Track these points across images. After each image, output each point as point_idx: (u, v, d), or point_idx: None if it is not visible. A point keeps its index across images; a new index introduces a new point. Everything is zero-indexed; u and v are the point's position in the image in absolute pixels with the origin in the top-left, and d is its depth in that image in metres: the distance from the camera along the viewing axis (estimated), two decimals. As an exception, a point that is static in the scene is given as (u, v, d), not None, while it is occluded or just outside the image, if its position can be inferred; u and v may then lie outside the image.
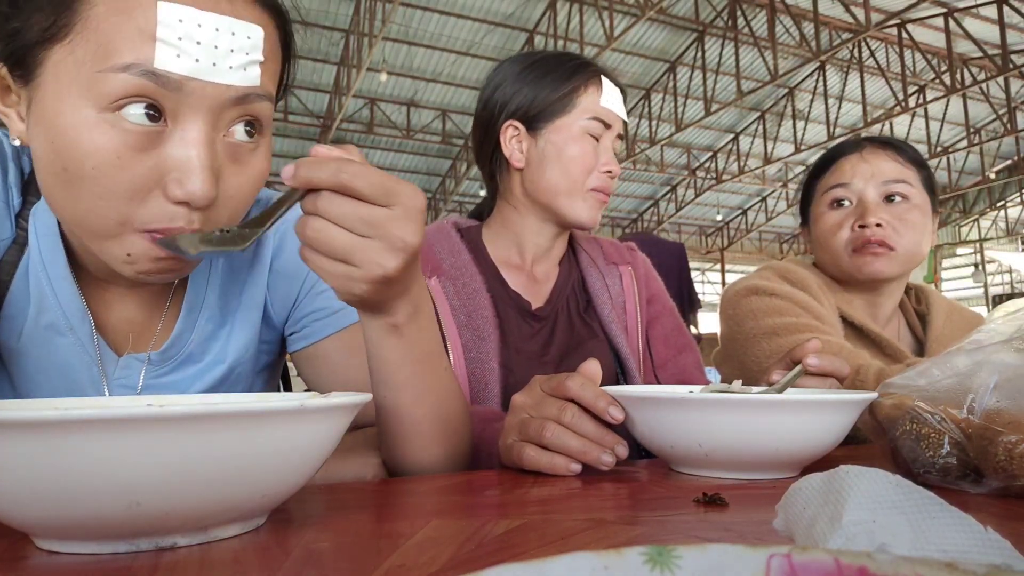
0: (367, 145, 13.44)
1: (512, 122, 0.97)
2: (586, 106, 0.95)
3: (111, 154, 0.49)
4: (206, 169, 0.50)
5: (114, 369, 0.64)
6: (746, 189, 17.39)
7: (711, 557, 0.19)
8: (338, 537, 0.40)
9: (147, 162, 0.50)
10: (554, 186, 0.94)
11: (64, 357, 0.63)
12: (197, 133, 0.50)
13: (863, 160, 1.11)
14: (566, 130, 0.94)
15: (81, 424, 0.31)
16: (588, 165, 0.94)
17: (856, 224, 1.08)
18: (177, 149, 0.50)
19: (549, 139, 0.95)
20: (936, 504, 0.24)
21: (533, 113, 0.96)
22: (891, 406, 0.57)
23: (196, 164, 0.50)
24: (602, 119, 0.95)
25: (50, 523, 0.35)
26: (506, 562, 0.19)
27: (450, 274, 0.94)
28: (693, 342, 1.09)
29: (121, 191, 0.50)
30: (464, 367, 0.89)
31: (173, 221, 0.51)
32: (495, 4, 10.14)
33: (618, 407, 0.60)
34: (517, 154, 0.97)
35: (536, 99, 0.95)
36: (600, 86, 0.96)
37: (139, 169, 0.50)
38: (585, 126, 0.94)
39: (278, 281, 0.70)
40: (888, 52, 11.66)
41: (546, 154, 0.95)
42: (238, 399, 0.57)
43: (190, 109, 0.50)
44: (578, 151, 0.94)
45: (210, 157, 0.51)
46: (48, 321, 0.61)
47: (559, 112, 0.95)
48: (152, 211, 0.51)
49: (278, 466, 0.38)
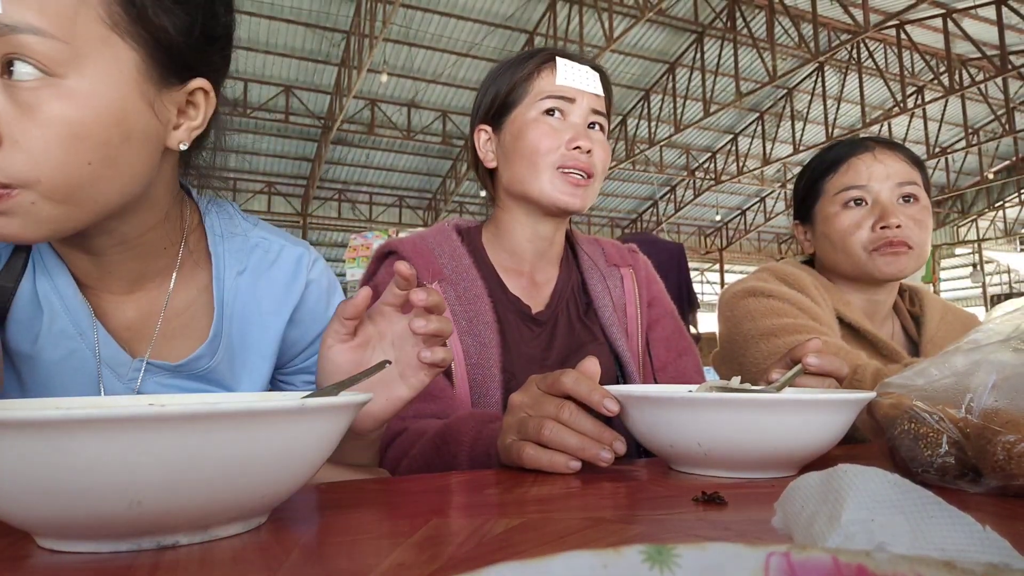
0: (367, 146, 13.46)
1: (481, 126, 0.99)
2: (539, 89, 0.94)
3: None
4: None
5: (125, 371, 0.66)
6: (745, 190, 17.41)
7: (710, 556, 0.19)
8: (338, 537, 0.40)
9: None
10: (520, 176, 0.94)
11: (75, 363, 0.64)
12: None
13: (877, 161, 1.11)
14: (521, 118, 0.94)
15: (82, 424, 0.31)
16: (546, 145, 0.92)
17: (878, 225, 1.08)
18: None
19: (509, 131, 0.95)
20: (935, 503, 0.24)
21: (495, 111, 0.97)
22: (889, 405, 0.57)
23: None
24: (560, 95, 0.93)
25: (51, 522, 0.35)
26: (505, 561, 0.19)
27: (451, 279, 0.93)
28: (693, 345, 1.09)
29: None
30: (465, 373, 0.89)
31: None
32: (495, 5, 10.16)
33: (613, 400, 0.60)
34: (489, 155, 0.99)
35: (496, 96, 0.97)
36: (554, 66, 0.94)
37: None
38: (540, 107, 0.93)
39: (293, 329, 0.73)
40: (887, 53, 11.68)
41: (507, 147, 0.96)
42: (238, 399, 0.57)
43: None
44: (534, 134, 0.92)
45: None
46: (60, 328, 0.63)
47: (515, 103, 0.95)
48: None
49: (278, 466, 0.38)
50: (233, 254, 0.69)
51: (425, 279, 0.91)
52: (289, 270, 0.72)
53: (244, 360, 0.71)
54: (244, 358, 0.71)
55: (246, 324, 0.70)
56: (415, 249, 0.95)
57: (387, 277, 0.93)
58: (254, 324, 0.70)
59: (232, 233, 0.71)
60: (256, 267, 0.71)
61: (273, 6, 9.44)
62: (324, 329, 0.72)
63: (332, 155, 13.46)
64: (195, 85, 0.59)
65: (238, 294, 0.69)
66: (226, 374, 0.70)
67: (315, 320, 0.74)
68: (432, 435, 0.75)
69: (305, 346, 0.75)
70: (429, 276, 0.92)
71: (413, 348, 0.60)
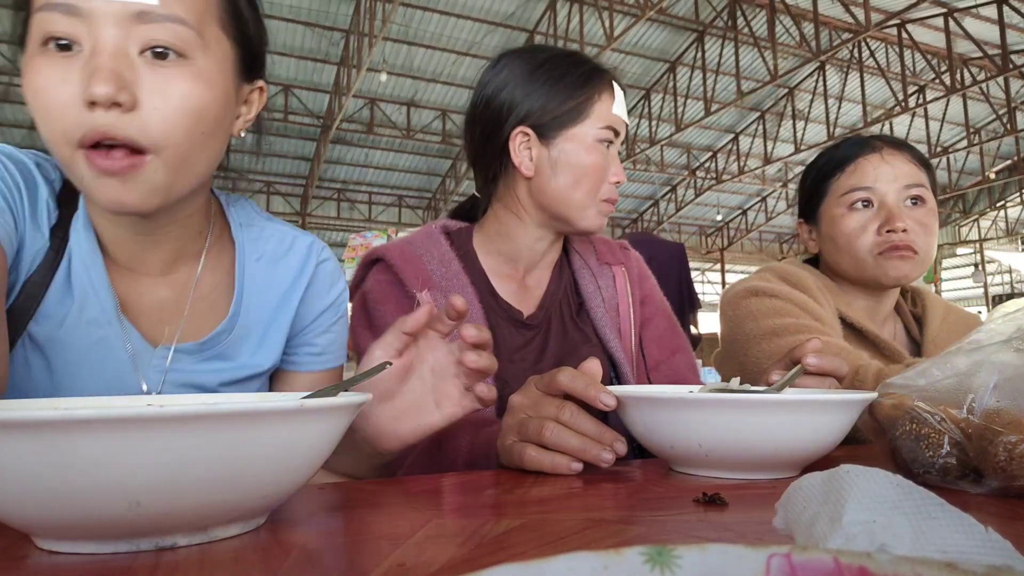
0: (367, 145, 13.46)
1: (522, 128, 0.91)
2: (600, 114, 0.91)
3: (42, 87, 0.56)
4: (104, 70, 0.55)
5: (150, 358, 0.70)
6: (746, 189, 17.40)
7: (711, 557, 0.19)
8: (338, 537, 0.40)
9: (70, 85, 0.56)
10: (565, 196, 0.91)
11: (103, 349, 0.68)
12: (100, 45, 0.56)
13: (884, 162, 1.10)
14: (580, 139, 0.91)
15: (81, 424, 0.31)
16: (602, 176, 0.91)
17: (883, 229, 1.07)
18: (86, 64, 0.56)
19: (563, 148, 0.91)
20: (936, 504, 0.24)
21: (545, 120, 0.91)
22: (891, 406, 0.57)
23: (96, 67, 0.55)
24: (614, 127, 0.93)
25: (50, 523, 0.35)
26: (505, 562, 0.19)
27: (441, 286, 0.90)
28: (687, 343, 1.07)
29: (54, 118, 0.56)
30: None
31: (96, 126, 0.55)
32: (495, 4, 10.15)
33: (609, 394, 0.60)
34: (527, 162, 0.92)
35: (548, 105, 0.91)
36: (612, 93, 0.93)
37: (64, 90, 0.56)
38: (598, 135, 0.91)
39: (303, 307, 0.79)
40: (888, 52, 11.67)
41: (559, 163, 0.91)
42: (238, 399, 0.57)
43: (93, 29, 0.56)
44: (592, 161, 0.91)
45: (112, 63, 0.55)
46: (90, 316, 0.67)
47: (573, 120, 0.91)
48: (80, 121, 0.55)
49: (278, 466, 0.38)
50: (252, 242, 0.76)
51: (414, 287, 0.89)
52: (301, 255, 0.79)
53: (262, 338, 0.76)
54: (262, 335, 0.76)
55: (263, 304, 0.75)
56: (403, 256, 0.92)
57: (376, 284, 0.91)
58: (270, 305, 0.76)
59: (250, 224, 0.77)
60: (272, 254, 0.77)
61: (272, 5, 9.44)
62: (328, 306, 0.80)
63: (331, 154, 13.46)
64: (258, 84, 0.71)
65: (256, 278, 0.75)
66: (244, 350, 0.75)
67: (319, 297, 0.80)
68: (428, 442, 0.75)
69: (311, 321, 0.80)
70: (419, 284, 0.89)
71: (453, 378, 0.63)
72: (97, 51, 0.55)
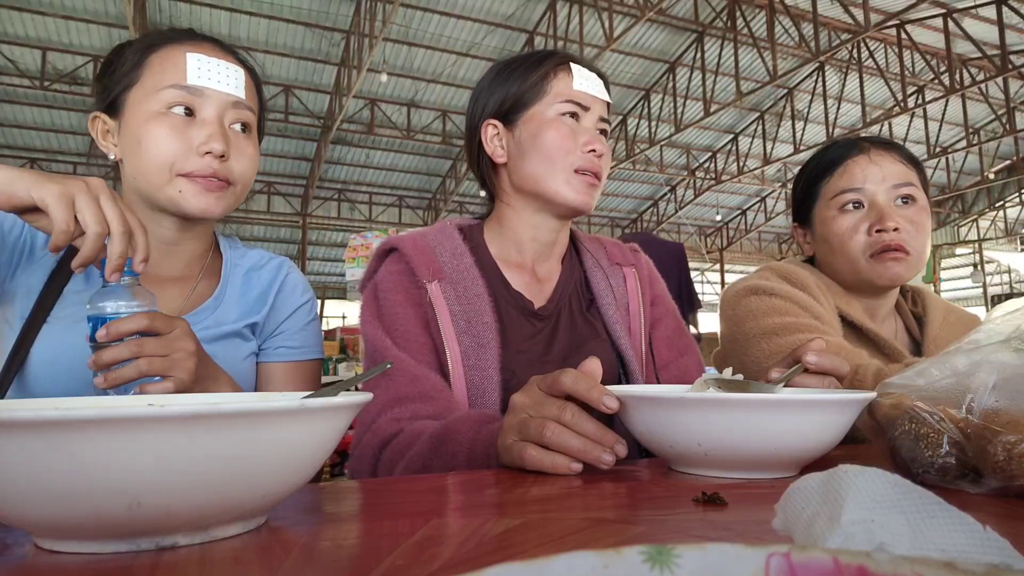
0: (367, 146, 13.45)
1: (490, 121, 0.99)
2: (558, 91, 0.95)
3: (165, 136, 0.86)
4: (218, 133, 0.88)
5: None
6: (745, 189, 17.40)
7: (710, 556, 0.19)
8: (338, 537, 0.40)
9: (186, 138, 0.87)
10: (536, 173, 0.95)
11: None
12: (212, 116, 0.89)
13: (872, 163, 1.10)
14: (539, 116, 0.95)
15: (81, 424, 0.31)
16: (566, 146, 0.94)
17: (873, 229, 1.08)
18: (202, 128, 0.88)
19: (525, 128, 0.96)
20: (935, 504, 0.24)
21: (507, 107, 0.97)
22: (890, 406, 0.57)
23: (212, 131, 0.87)
24: (577, 101, 0.95)
25: (51, 522, 0.35)
26: (505, 561, 0.19)
27: (452, 278, 0.93)
28: (695, 344, 1.09)
29: (171, 155, 0.86)
30: (463, 374, 0.88)
31: (210, 167, 0.87)
32: (495, 5, 10.15)
33: (612, 397, 0.60)
34: (499, 150, 0.99)
35: (508, 93, 0.97)
36: (570, 71, 0.96)
37: (181, 140, 0.86)
38: (559, 109, 0.95)
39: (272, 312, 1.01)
40: (887, 53, 11.67)
41: (523, 143, 0.96)
42: (238, 399, 0.58)
43: (207, 106, 0.89)
44: (554, 134, 0.94)
45: (221, 129, 0.88)
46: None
47: (531, 101, 0.96)
48: (192, 161, 0.87)
49: (278, 466, 0.38)
50: (237, 257, 1.03)
51: (425, 278, 0.91)
52: (273, 270, 1.04)
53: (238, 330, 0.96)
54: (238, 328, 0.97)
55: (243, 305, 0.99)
56: (416, 247, 0.95)
57: (388, 275, 0.94)
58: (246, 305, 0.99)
59: (235, 248, 1.05)
60: (251, 266, 1.03)
61: (273, 6, 9.43)
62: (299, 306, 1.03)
63: (332, 155, 13.45)
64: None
65: (237, 281, 1.00)
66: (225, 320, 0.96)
67: (289, 300, 1.03)
68: (429, 436, 0.75)
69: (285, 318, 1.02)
70: (429, 275, 0.92)
71: None
72: (210, 121, 0.88)
